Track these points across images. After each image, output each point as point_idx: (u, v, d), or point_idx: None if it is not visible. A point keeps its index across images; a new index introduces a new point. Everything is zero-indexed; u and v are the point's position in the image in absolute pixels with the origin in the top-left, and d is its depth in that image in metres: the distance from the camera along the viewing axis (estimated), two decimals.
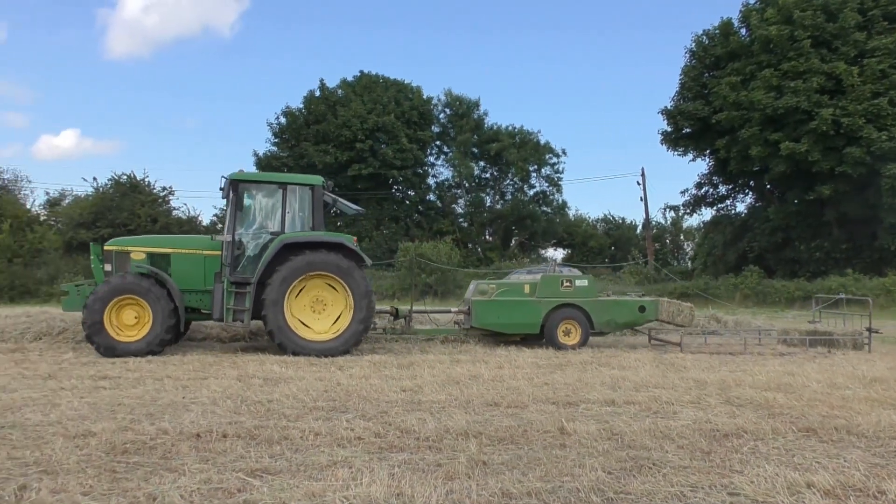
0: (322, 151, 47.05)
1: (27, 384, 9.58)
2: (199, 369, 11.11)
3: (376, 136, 47.68)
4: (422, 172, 52.43)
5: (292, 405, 8.25)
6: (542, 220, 52.81)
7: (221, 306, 13.10)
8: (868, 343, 14.93)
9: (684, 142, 41.87)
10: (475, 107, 54.37)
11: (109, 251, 13.61)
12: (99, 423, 7.07)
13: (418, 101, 51.35)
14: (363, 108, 47.88)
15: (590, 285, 15.30)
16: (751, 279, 35.67)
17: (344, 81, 51.98)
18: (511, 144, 51.26)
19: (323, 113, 48.72)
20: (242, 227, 13.59)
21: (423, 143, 51.30)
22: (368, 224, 48.31)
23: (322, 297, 13.44)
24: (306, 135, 48.52)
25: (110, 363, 11.68)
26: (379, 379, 10.22)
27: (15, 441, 6.39)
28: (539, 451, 6.29)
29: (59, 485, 5.19)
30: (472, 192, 53.70)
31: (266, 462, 5.85)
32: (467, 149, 51.91)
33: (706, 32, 40.86)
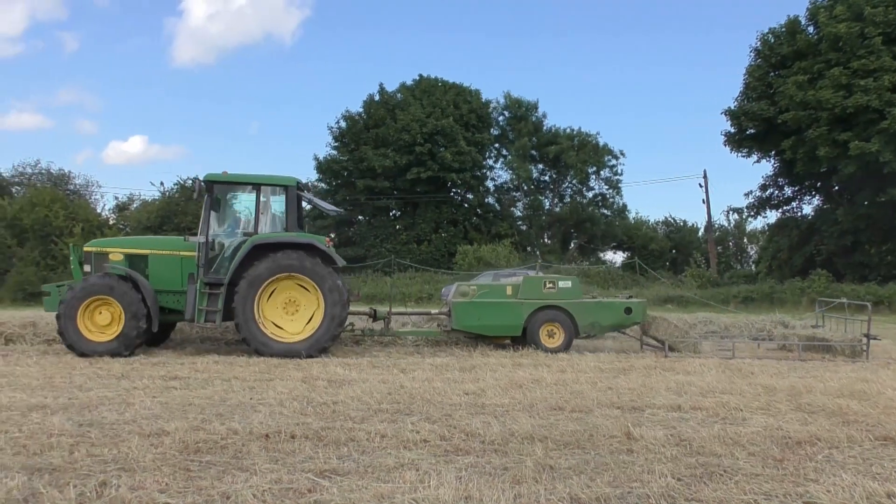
0: (381, 155, 47.40)
1: (102, 383, 9.86)
2: (265, 371, 11.29)
3: (435, 139, 47.84)
4: (480, 175, 52.42)
5: (357, 407, 8.34)
6: (601, 223, 52.38)
7: (194, 307, 13.17)
8: (866, 350, 14.39)
9: (748, 143, 41.07)
10: (533, 109, 54.24)
11: (89, 252, 13.79)
12: (172, 422, 7.24)
13: (477, 103, 51.37)
14: (422, 112, 48.09)
15: (573, 287, 14.98)
16: (818, 283, 34.79)
17: (403, 85, 52.35)
18: (570, 147, 50.94)
19: (382, 117, 49.09)
20: (216, 228, 13.66)
21: (482, 145, 51.28)
22: (427, 227, 48.52)
23: (295, 298, 13.37)
24: (366, 139, 48.95)
25: (179, 364, 11.95)
26: (441, 382, 10.25)
27: (93, 439, 6.58)
28: (606, 456, 6.24)
29: (136, 482, 5.34)
30: (530, 194, 53.53)
31: (334, 463, 5.92)
32: (526, 151, 51.74)
33: (772, 31, 40.05)
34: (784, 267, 42.42)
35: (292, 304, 13.37)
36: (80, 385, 9.67)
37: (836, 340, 14.86)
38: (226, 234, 13.77)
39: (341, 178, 49.80)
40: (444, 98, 49.89)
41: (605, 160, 52.87)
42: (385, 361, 12.60)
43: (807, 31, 38.61)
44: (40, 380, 10.11)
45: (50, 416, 7.51)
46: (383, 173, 47.62)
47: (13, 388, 9.34)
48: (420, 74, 52.83)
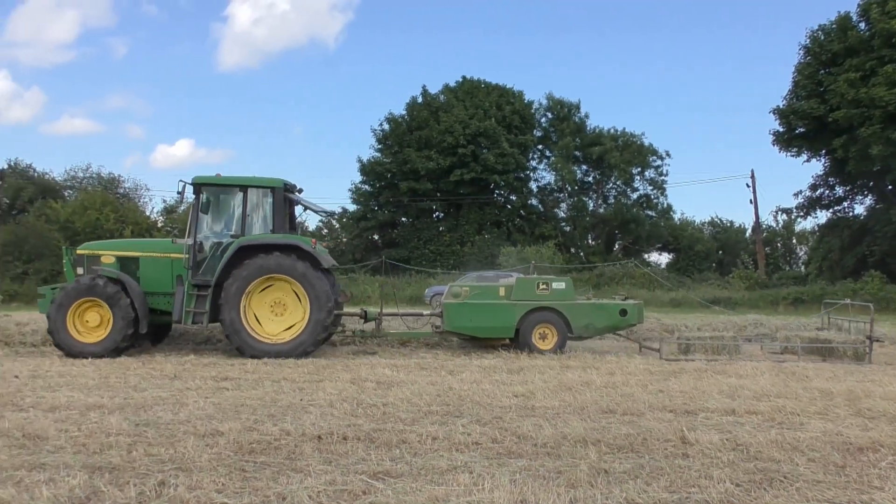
0: (424, 157, 47.48)
1: (155, 384, 10.02)
2: (314, 372, 11.36)
3: (478, 141, 47.78)
4: (523, 177, 52.23)
5: (407, 409, 8.34)
6: (646, 224, 51.83)
7: (181, 308, 13.27)
8: (869, 352, 13.99)
9: (798, 142, 40.27)
10: (576, 110, 53.89)
11: (81, 255, 13.92)
12: (225, 422, 7.32)
13: (520, 105, 51.20)
14: (465, 114, 48.08)
15: (567, 288, 14.68)
16: (871, 285, 33.98)
17: (446, 87, 52.40)
18: (613, 147, 50.49)
19: (425, 119, 49.17)
20: (204, 230, 13.76)
21: (525, 147, 51.08)
22: (470, 229, 48.49)
23: (282, 299, 13.42)
24: (409, 141, 49.06)
25: (229, 365, 12.09)
26: (490, 384, 10.22)
27: (150, 438, 6.68)
28: (661, 460, 6.15)
29: (194, 482, 5.40)
30: (574, 195, 53.19)
31: (387, 465, 5.93)
32: (569, 152, 51.43)
33: (822, 28, 39.22)
34: (835, 268, 41.52)
35: (279, 306, 13.43)
36: (134, 385, 9.84)
37: (838, 342, 14.50)
38: (213, 235, 13.85)
39: (385, 180, 49.98)
40: (486, 99, 49.82)
41: (649, 160, 52.30)
42: (433, 363, 12.61)
43: (858, 28, 37.73)
44: (96, 379, 10.31)
45: (107, 416, 7.65)
46: (426, 175, 47.67)
47: (71, 387, 9.54)
48: (463, 76, 52.91)
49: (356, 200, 51.37)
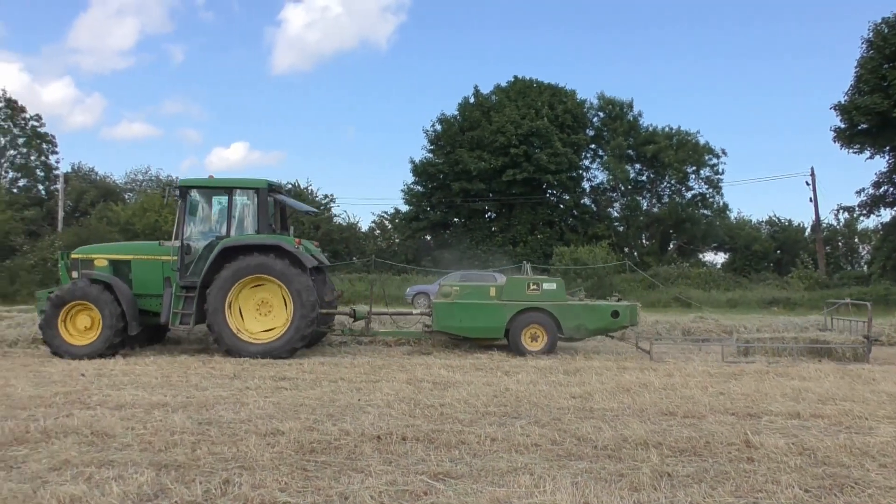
0: (477, 157, 47.45)
1: (216, 383, 10.18)
2: (370, 372, 11.43)
3: (530, 140, 47.61)
4: (576, 176, 51.83)
5: (464, 410, 8.34)
6: (701, 223, 51.06)
7: (169, 310, 13.44)
8: (867, 353, 13.62)
9: (860, 138, 39.22)
10: (628, 108, 53.31)
11: (76, 259, 14.14)
12: (285, 422, 7.40)
13: (572, 104, 50.84)
14: (517, 114, 47.93)
15: (558, 289, 14.45)
16: None
17: (498, 87, 52.30)
18: (668, 146, 49.87)
19: (477, 119, 49.14)
20: (191, 233, 13.90)
21: (578, 146, 50.71)
22: (523, 229, 48.33)
23: (267, 299, 13.48)
24: (461, 141, 49.09)
25: (287, 364, 12.23)
26: (547, 385, 10.16)
27: (213, 437, 6.78)
28: (725, 464, 6.04)
29: (257, 480, 5.47)
30: (627, 195, 52.66)
31: (447, 466, 5.93)
32: (622, 151, 50.91)
33: (885, 21, 38.13)
34: None
35: (265, 305, 13.51)
36: (195, 384, 10.01)
37: (836, 343, 14.08)
38: (200, 237, 13.98)
39: (437, 180, 50.09)
40: (538, 99, 49.59)
41: (704, 159, 51.51)
42: (488, 364, 12.58)
43: None
44: (159, 378, 10.52)
45: (171, 414, 7.80)
46: (479, 175, 47.64)
47: (135, 386, 9.75)
48: (515, 76, 52.75)
49: (408, 201, 51.63)
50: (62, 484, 5.27)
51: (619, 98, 53.39)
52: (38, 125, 52.41)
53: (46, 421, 7.35)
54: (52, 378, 10.51)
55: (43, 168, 52.51)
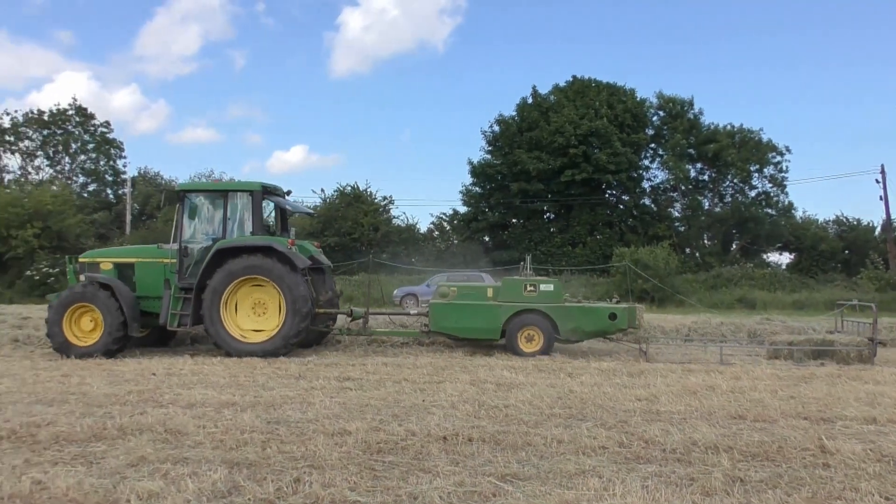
0: (535, 158, 47.25)
1: (282, 383, 10.34)
2: (433, 373, 11.47)
3: (589, 140, 47.20)
4: (636, 176, 51.19)
5: (529, 411, 8.31)
6: (765, 223, 49.91)
7: (167, 311, 13.72)
8: (872, 355, 13.35)
9: None
10: (689, 106, 52.41)
11: (83, 262, 14.54)
12: (352, 422, 7.47)
13: (632, 103, 50.23)
14: (576, 114, 47.57)
15: (555, 290, 14.35)
16: None
17: (556, 87, 51.98)
18: (730, 144, 48.87)
19: (536, 119, 48.92)
20: (189, 235, 14.16)
21: (638, 146, 50.09)
22: (582, 230, 47.95)
23: (262, 299, 13.70)
24: (519, 142, 48.94)
25: (350, 365, 12.35)
26: (611, 387, 10.07)
27: (282, 436, 6.89)
28: (800, 470, 5.90)
29: (327, 479, 5.53)
30: (688, 195, 51.80)
31: (514, 468, 5.91)
32: (682, 150, 50.10)
33: None
34: None
35: (260, 306, 13.76)
36: (262, 384, 10.18)
37: (840, 345, 13.74)
38: (197, 240, 14.26)
39: (495, 181, 50.02)
40: (597, 99, 49.12)
41: (768, 157, 50.33)
42: (550, 365, 12.51)
43: None
44: (226, 378, 10.73)
45: (240, 413, 7.95)
46: (537, 176, 47.42)
47: (204, 385, 9.97)
48: (573, 76, 52.36)
49: (466, 202, 51.67)
50: (140, 480, 5.42)
51: (680, 96, 52.55)
52: (107, 131, 53.97)
53: (122, 418, 7.56)
54: (125, 377, 10.81)
55: (111, 173, 54.05)
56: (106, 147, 53.79)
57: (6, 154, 52.09)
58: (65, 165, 53.47)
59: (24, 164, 52.58)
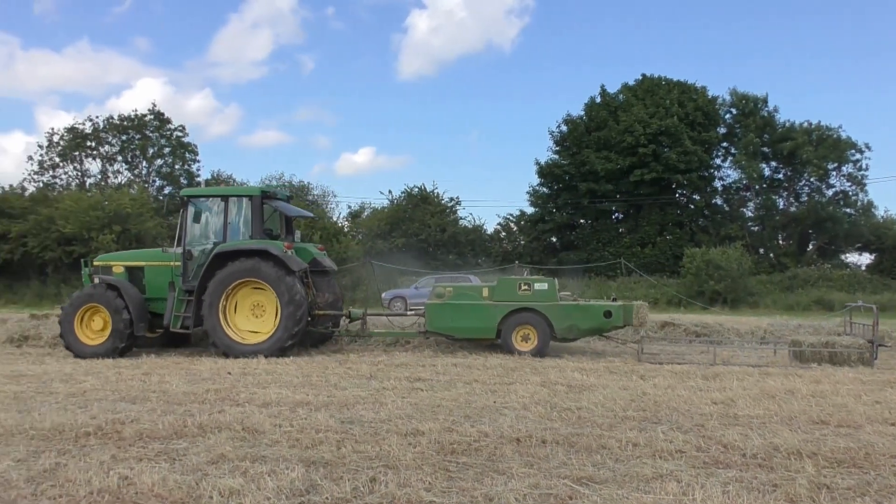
0: (603, 158, 46.79)
1: (354, 383, 10.45)
2: (503, 374, 11.44)
3: (659, 139, 46.51)
4: (707, 175, 50.21)
5: (602, 414, 8.22)
6: (844, 223, 48.35)
7: (171, 313, 14.14)
8: (874, 357, 13.00)
9: None
10: (763, 104, 51.12)
11: (97, 265, 15.03)
12: (424, 423, 7.50)
13: (703, 101, 49.27)
14: (645, 113, 46.93)
15: (549, 289, 14.27)
16: None
17: (625, 86, 51.32)
18: (806, 142, 47.49)
19: (604, 119, 48.44)
20: (192, 239, 14.46)
21: (709, 144, 49.12)
22: (651, 230, 47.27)
23: (260, 301, 14.00)
24: (587, 142, 48.52)
25: (420, 366, 12.41)
26: (686, 390, 9.88)
27: (356, 436, 6.95)
28: (889, 477, 5.70)
29: (402, 479, 5.56)
30: (762, 194, 50.54)
31: (589, 470, 5.84)
32: (756, 149, 48.90)
33: None
34: None
35: (259, 308, 14.04)
36: (335, 384, 10.29)
37: (840, 347, 13.41)
38: (200, 244, 14.57)
39: (563, 182, 49.68)
40: (667, 97, 48.35)
41: (847, 155, 48.74)
42: (622, 367, 12.37)
43: None
44: (299, 378, 10.90)
45: (314, 413, 8.05)
46: (605, 176, 46.94)
47: (278, 384, 10.14)
48: (642, 74, 51.62)
49: (533, 203, 51.43)
50: (221, 477, 5.53)
51: (753, 93, 51.32)
52: (182, 135, 55.33)
53: (201, 416, 7.74)
54: (202, 376, 11.08)
55: (186, 176, 55.28)
56: (181, 151, 55.10)
57: (87, 159, 53.83)
58: (142, 169, 54.99)
59: (104, 169, 54.29)
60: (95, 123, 53.28)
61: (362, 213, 55.01)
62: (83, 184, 51.98)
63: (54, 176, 52.65)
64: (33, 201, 41.55)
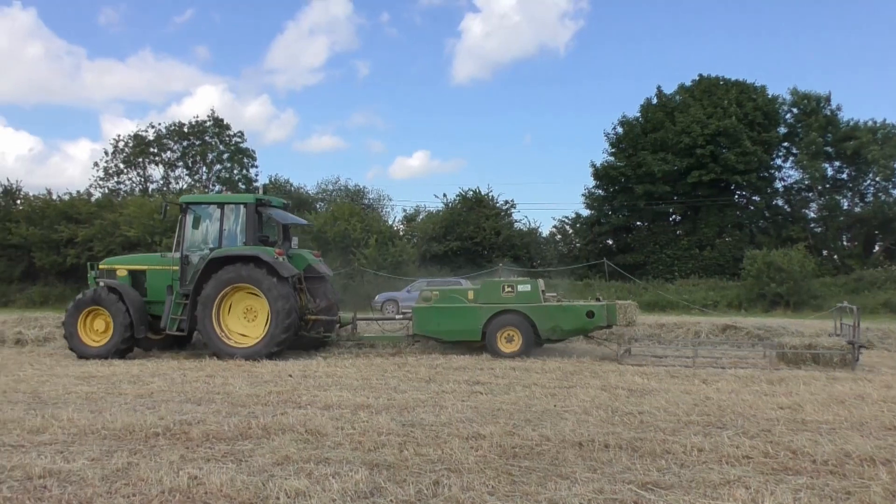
0: (660, 159, 46.17)
1: (413, 386, 10.49)
2: (562, 378, 11.36)
3: (717, 140, 45.70)
4: (767, 176, 49.17)
5: (665, 418, 8.11)
6: None
7: (168, 316, 14.51)
8: (855, 360, 12.83)
9: None
10: (825, 102, 49.88)
11: (103, 269, 15.51)
12: (485, 426, 7.49)
13: (762, 100, 48.25)
14: (703, 113, 46.17)
15: (533, 290, 14.42)
16: None
17: (682, 87, 50.58)
18: (871, 140, 46.17)
19: (661, 120, 47.79)
20: (190, 244, 14.91)
21: (769, 145, 48.09)
22: (710, 232, 46.46)
23: (252, 305, 14.39)
24: (644, 143, 47.93)
25: (479, 369, 12.42)
26: (750, 394, 9.70)
27: (418, 439, 6.98)
28: None
29: (465, 483, 5.56)
30: (825, 194, 49.31)
31: (654, 476, 5.78)
32: (818, 148, 47.72)
33: None
34: None
35: (251, 312, 14.43)
36: (394, 387, 10.36)
37: (822, 349, 13.27)
38: (198, 248, 14.96)
39: (618, 184, 49.15)
40: (725, 97, 47.46)
41: None
42: (683, 371, 12.19)
43: None
44: (359, 381, 10.99)
45: (375, 415, 8.11)
46: (662, 178, 46.31)
47: (339, 387, 10.23)
48: (700, 74, 50.72)
49: (589, 205, 50.98)
50: (286, 478, 5.60)
51: (815, 92, 50.09)
52: (240, 141, 56.34)
53: (265, 418, 7.86)
54: (264, 378, 11.24)
55: (244, 181, 56.29)
56: (239, 156, 56.14)
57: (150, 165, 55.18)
58: (202, 175, 56.15)
59: (166, 174, 55.56)
60: (158, 130, 54.63)
61: (417, 217, 55.22)
62: (146, 189, 53.28)
63: (119, 182, 54.24)
64: (99, 206, 42.81)
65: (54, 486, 5.50)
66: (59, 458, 6.27)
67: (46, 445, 6.77)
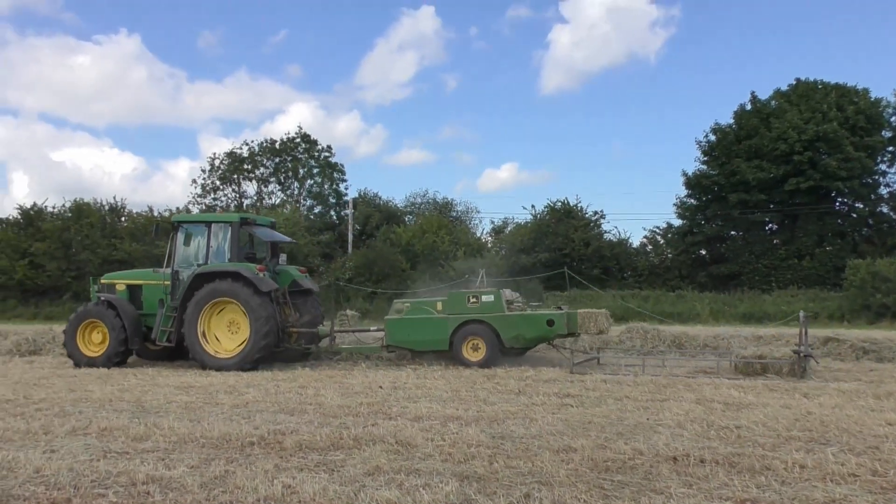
0: (755, 167, 44.82)
1: (502, 398, 10.45)
2: (655, 391, 11.13)
3: (816, 146, 44.07)
4: (871, 182, 47.13)
5: (764, 433, 7.84)
6: None
7: (158, 328, 15.24)
8: (803, 369, 12.81)
9: None
10: None
11: (103, 283, 16.30)
12: (576, 439, 7.39)
13: (865, 104, 46.31)
14: (800, 118, 44.62)
15: (496, 300, 14.82)
16: None
17: (777, 92, 49.02)
18: None
19: (755, 127, 46.41)
20: (180, 260, 15.62)
21: (873, 149, 46.09)
22: (809, 241, 44.79)
23: (236, 319, 14.97)
24: (737, 151, 46.64)
25: (569, 381, 12.29)
26: (855, 409, 9.29)
27: (508, 451, 6.94)
28: None
29: (556, 496, 5.49)
30: None
31: (754, 493, 5.58)
32: None
33: None
34: None
35: (234, 325, 15.05)
36: (483, 399, 10.33)
37: (771, 359, 13.36)
38: (188, 264, 15.63)
39: (711, 192, 47.97)
40: (824, 101, 45.74)
41: None
42: (782, 384, 11.77)
43: None
44: (448, 392, 11.01)
45: (465, 427, 8.10)
46: (757, 186, 44.93)
47: (428, 399, 10.27)
48: (796, 78, 49.03)
49: (681, 215, 49.87)
50: (377, 489, 5.64)
51: None
52: (330, 156, 57.48)
53: (356, 429, 7.96)
54: (355, 389, 11.39)
55: (334, 195, 57.38)
56: (329, 171, 57.26)
57: (244, 181, 56.87)
58: (294, 190, 57.51)
59: (260, 190, 57.17)
60: (251, 147, 56.28)
61: (505, 229, 55.14)
62: (241, 205, 54.87)
63: (215, 198, 55.99)
64: None
65: (157, 492, 5.68)
66: (160, 465, 6.49)
67: (149, 453, 7.01)
